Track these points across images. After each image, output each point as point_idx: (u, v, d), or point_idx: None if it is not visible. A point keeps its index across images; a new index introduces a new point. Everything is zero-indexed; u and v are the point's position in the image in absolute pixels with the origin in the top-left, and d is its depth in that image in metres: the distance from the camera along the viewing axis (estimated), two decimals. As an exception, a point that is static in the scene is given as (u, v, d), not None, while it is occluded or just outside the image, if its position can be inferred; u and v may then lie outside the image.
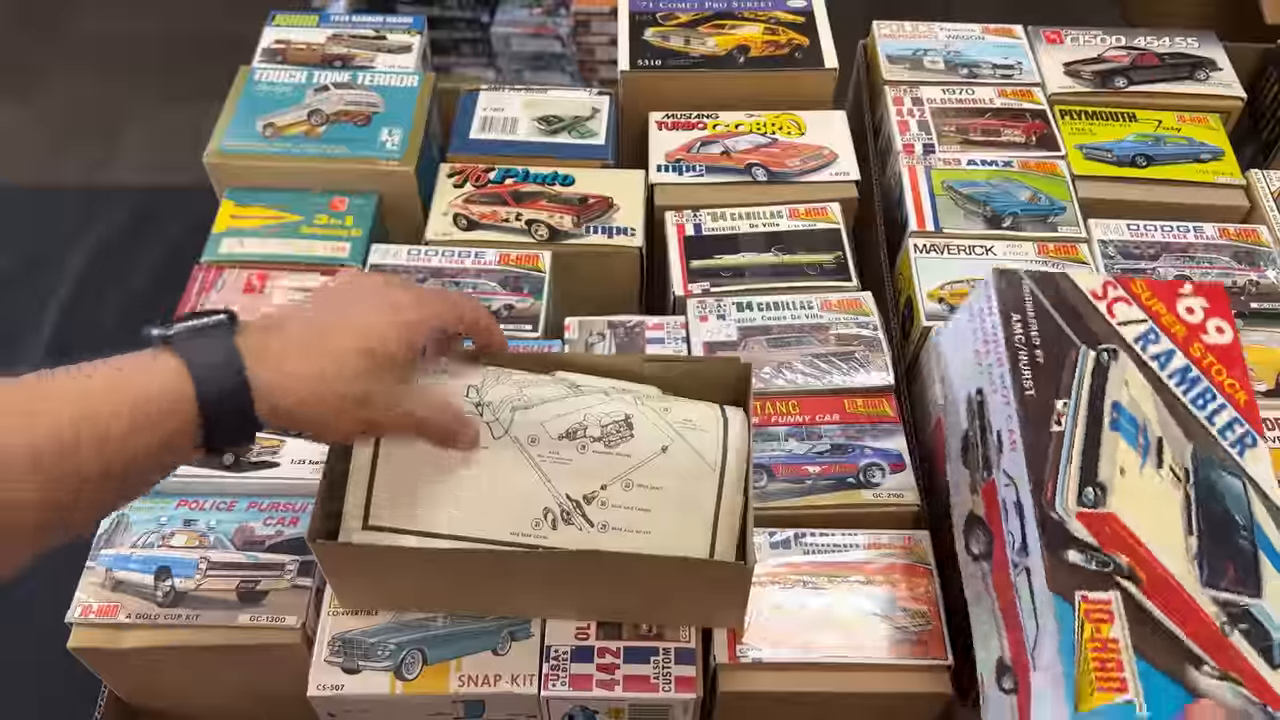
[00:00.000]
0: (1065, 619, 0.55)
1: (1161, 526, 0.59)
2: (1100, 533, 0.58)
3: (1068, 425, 0.62)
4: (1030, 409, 0.62)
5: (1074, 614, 0.56)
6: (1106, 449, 0.61)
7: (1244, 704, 0.54)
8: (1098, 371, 0.64)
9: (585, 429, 0.63)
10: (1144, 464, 0.61)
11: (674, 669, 0.66)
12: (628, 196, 0.92)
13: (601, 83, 1.96)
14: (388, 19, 1.09)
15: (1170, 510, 0.60)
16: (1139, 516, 0.59)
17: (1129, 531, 0.59)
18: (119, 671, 0.73)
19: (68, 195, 1.43)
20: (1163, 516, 0.60)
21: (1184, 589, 0.57)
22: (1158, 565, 0.58)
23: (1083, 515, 0.59)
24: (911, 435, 0.78)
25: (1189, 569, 0.58)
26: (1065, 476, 0.60)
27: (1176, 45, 1.07)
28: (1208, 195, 0.95)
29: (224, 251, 0.88)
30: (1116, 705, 0.53)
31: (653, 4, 1.07)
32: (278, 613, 0.68)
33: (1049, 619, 0.56)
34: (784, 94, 1.02)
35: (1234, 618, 0.57)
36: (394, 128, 0.94)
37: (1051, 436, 0.61)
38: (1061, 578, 0.57)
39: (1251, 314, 0.86)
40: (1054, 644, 0.55)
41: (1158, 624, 0.56)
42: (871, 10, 1.18)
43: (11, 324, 1.18)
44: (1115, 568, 0.57)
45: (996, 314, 0.67)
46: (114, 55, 2.14)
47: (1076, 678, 0.54)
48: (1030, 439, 0.61)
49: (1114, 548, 0.58)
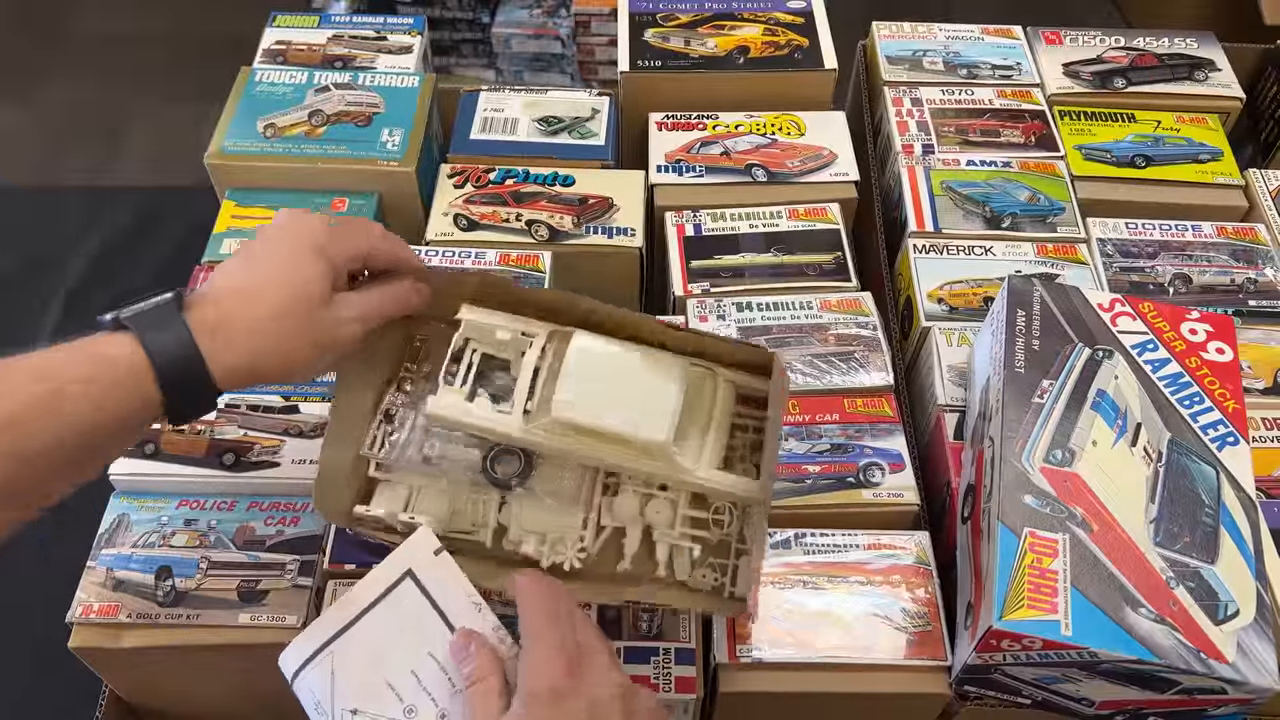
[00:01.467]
0: (1009, 547, 0.61)
1: (1123, 493, 0.63)
2: (1060, 487, 0.63)
3: (1049, 399, 0.67)
4: (1017, 383, 0.68)
5: (1018, 544, 0.61)
6: (1083, 423, 0.66)
7: (1176, 644, 0.58)
8: (1089, 364, 0.69)
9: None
10: (1117, 441, 0.65)
11: (674, 669, 0.66)
12: (628, 197, 0.93)
13: (601, 83, 1.97)
14: (388, 20, 1.09)
15: (1135, 481, 0.64)
16: (1102, 481, 0.64)
17: (1090, 491, 0.63)
18: (119, 671, 0.73)
19: (69, 196, 1.43)
20: (1127, 485, 0.64)
21: (1135, 544, 0.62)
22: (1113, 521, 0.62)
23: (1047, 470, 0.64)
24: (911, 435, 0.78)
25: (1144, 530, 0.62)
26: (1038, 437, 0.66)
27: (1175, 46, 1.07)
28: (1207, 195, 0.96)
29: (225, 252, 0.88)
30: (1043, 620, 0.58)
31: (653, 5, 1.08)
32: (278, 612, 0.69)
33: (996, 544, 0.61)
34: (784, 94, 1.02)
35: (1181, 575, 0.61)
36: (394, 128, 0.94)
37: (1031, 406, 0.67)
38: (1013, 515, 0.62)
39: (1249, 312, 0.86)
40: (997, 565, 0.60)
41: (1101, 566, 0.60)
42: (871, 10, 1.19)
43: (11, 324, 1.18)
44: (1069, 515, 0.62)
45: (1004, 309, 0.71)
46: (115, 56, 2.14)
47: (1008, 594, 0.59)
48: (1012, 407, 0.67)
49: (1071, 501, 0.63)
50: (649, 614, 0.69)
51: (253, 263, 0.58)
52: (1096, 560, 0.61)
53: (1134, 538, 0.62)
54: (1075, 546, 0.61)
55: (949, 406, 0.79)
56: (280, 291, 0.56)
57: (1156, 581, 0.60)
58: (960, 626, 0.67)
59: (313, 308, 0.57)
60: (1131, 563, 0.61)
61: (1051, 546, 0.61)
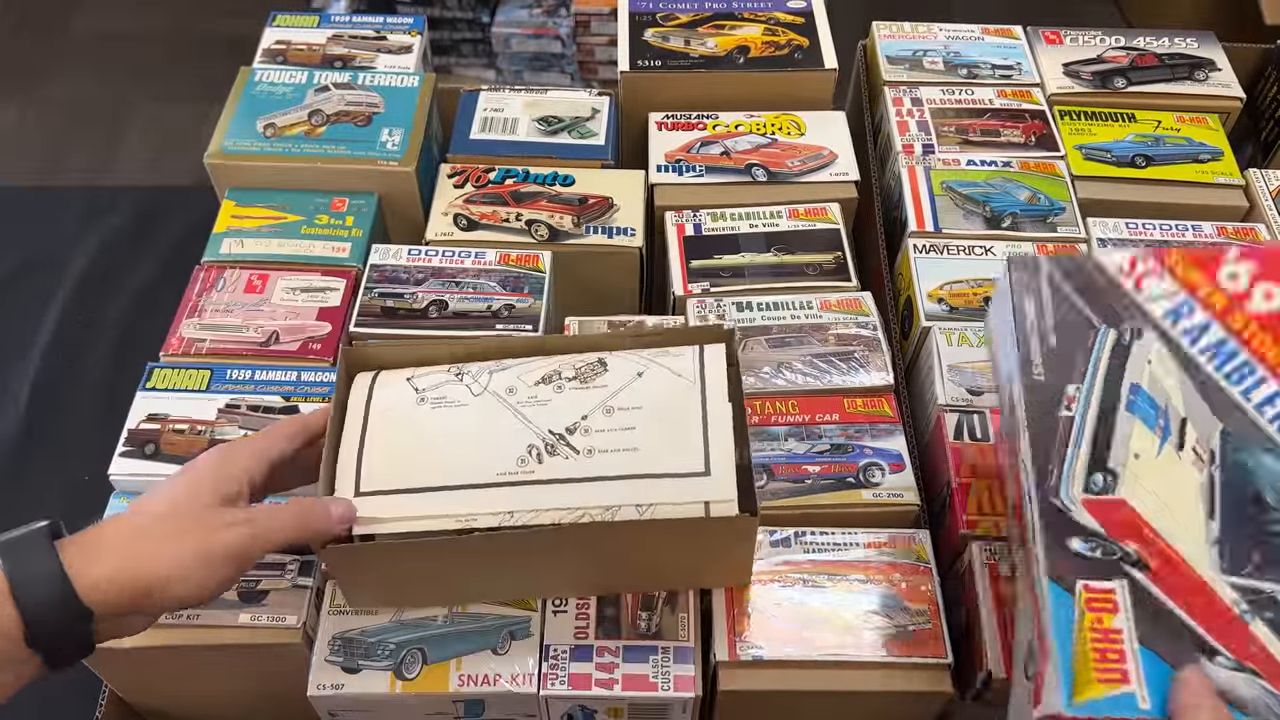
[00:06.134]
0: (1063, 608, 0.53)
1: (1178, 512, 0.55)
2: (1108, 520, 0.55)
3: (1079, 410, 0.58)
4: (1038, 394, 0.59)
5: (1074, 603, 0.53)
6: (1120, 433, 0.57)
7: (1261, 694, 0.50)
8: (1117, 351, 0.60)
9: (560, 373, 0.66)
10: (1162, 447, 0.57)
11: (673, 668, 0.66)
12: (628, 196, 0.93)
13: (601, 83, 1.97)
14: (388, 19, 1.09)
15: (1189, 494, 0.55)
16: (1153, 502, 0.55)
17: (1140, 518, 0.55)
18: (119, 671, 0.73)
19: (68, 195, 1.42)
20: (1181, 501, 0.55)
21: (1198, 574, 0.53)
22: (1170, 551, 0.54)
23: (1089, 502, 0.55)
24: (911, 435, 0.78)
25: (1206, 554, 0.54)
26: (1073, 462, 0.57)
27: (1176, 45, 1.07)
28: (1207, 195, 0.96)
29: (224, 252, 0.88)
30: (1116, 696, 0.50)
31: (653, 4, 1.08)
32: (278, 612, 0.69)
33: (1047, 608, 0.53)
34: (784, 94, 1.02)
35: (1257, 605, 0.52)
36: (394, 128, 0.94)
37: (1059, 421, 0.58)
38: (1062, 565, 0.54)
39: (1250, 314, 0.86)
40: (1052, 633, 0.53)
41: (1166, 612, 0.52)
42: (871, 10, 1.19)
43: (11, 324, 1.18)
44: (1123, 555, 0.54)
45: (1009, 306, 0.63)
46: (115, 56, 2.14)
47: (1074, 667, 0.51)
48: (1037, 427, 0.58)
49: (1122, 535, 0.54)
50: (648, 612, 0.69)
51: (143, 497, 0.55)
52: (1160, 606, 0.52)
53: (1195, 566, 0.53)
54: (1135, 592, 0.53)
55: (949, 406, 0.79)
56: (160, 499, 0.53)
57: (1229, 618, 0.52)
58: (1019, 669, 0.59)
59: (196, 507, 0.53)
60: (1198, 599, 0.53)
61: (1109, 599, 0.53)
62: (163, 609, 0.53)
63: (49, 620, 0.48)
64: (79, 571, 0.49)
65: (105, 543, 0.51)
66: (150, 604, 0.52)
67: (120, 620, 0.53)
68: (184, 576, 0.51)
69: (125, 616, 0.52)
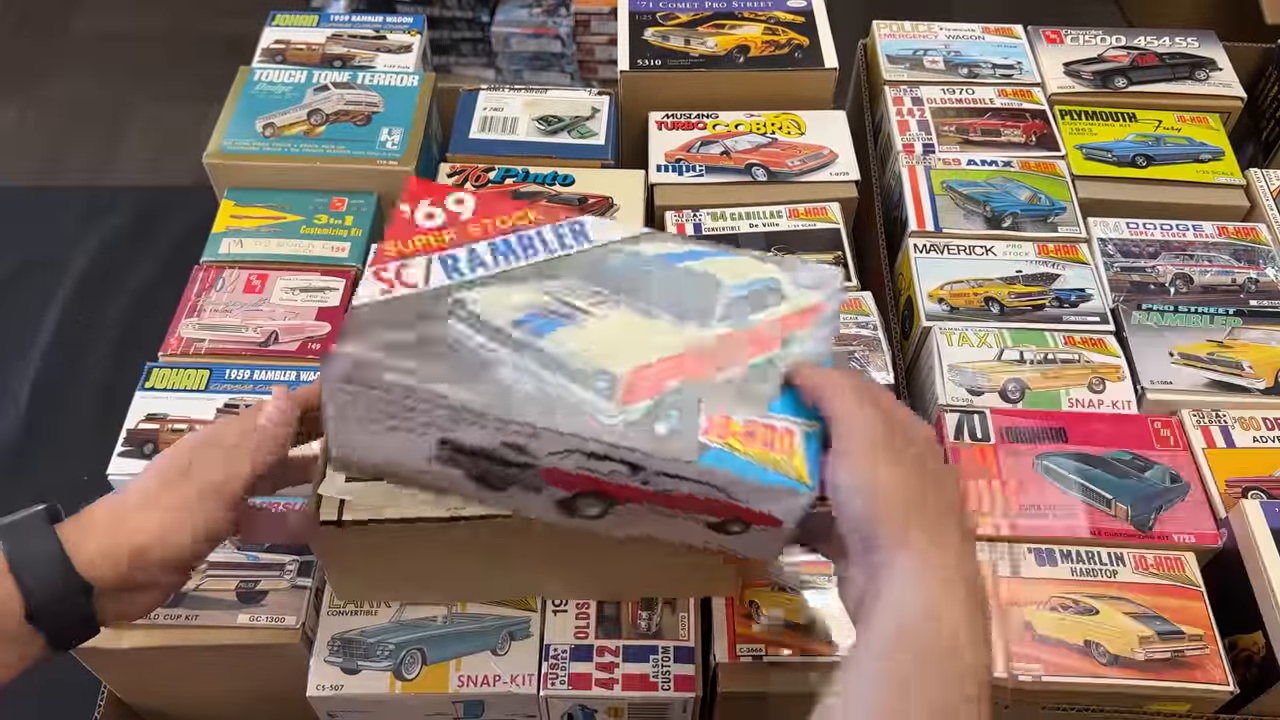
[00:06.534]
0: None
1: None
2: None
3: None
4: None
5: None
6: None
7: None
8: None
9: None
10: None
11: (673, 668, 0.66)
12: (628, 196, 0.92)
13: (601, 83, 1.96)
14: (387, 19, 1.09)
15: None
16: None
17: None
18: (119, 671, 0.73)
19: (68, 195, 1.42)
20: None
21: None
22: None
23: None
24: (911, 435, 0.78)
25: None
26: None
27: (1176, 45, 1.07)
28: (1208, 195, 0.95)
29: (224, 251, 0.88)
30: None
31: (653, 4, 1.07)
32: (277, 613, 0.68)
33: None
34: (784, 94, 1.02)
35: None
36: (394, 127, 0.94)
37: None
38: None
39: (1251, 312, 0.86)
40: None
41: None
42: (871, 9, 1.18)
43: (11, 324, 1.18)
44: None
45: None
46: (114, 55, 2.14)
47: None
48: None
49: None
50: (648, 612, 0.68)
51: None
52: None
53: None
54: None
55: (950, 406, 0.79)
56: (144, 473, 0.54)
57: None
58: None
59: (172, 474, 0.53)
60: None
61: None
62: (163, 575, 0.53)
63: (49, 595, 0.49)
64: (75, 546, 0.50)
65: (96, 518, 0.52)
66: (145, 571, 0.52)
67: (123, 597, 0.53)
68: (169, 535, 0.52)
69: (128, 592, 0.53)
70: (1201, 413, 0.79)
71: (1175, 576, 0.70)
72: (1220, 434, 0.77)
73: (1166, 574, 0.70)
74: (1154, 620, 0.68)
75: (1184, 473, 0.75)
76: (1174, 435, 0.77)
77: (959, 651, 0.44)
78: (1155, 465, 0.75)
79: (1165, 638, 0.67)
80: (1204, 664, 0.66)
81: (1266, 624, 0.67)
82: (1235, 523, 0.71)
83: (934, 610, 0.44)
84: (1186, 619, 0.68)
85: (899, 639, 0.44)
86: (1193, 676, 0.66)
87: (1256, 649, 0.68)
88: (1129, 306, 0.85)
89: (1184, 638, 0.67)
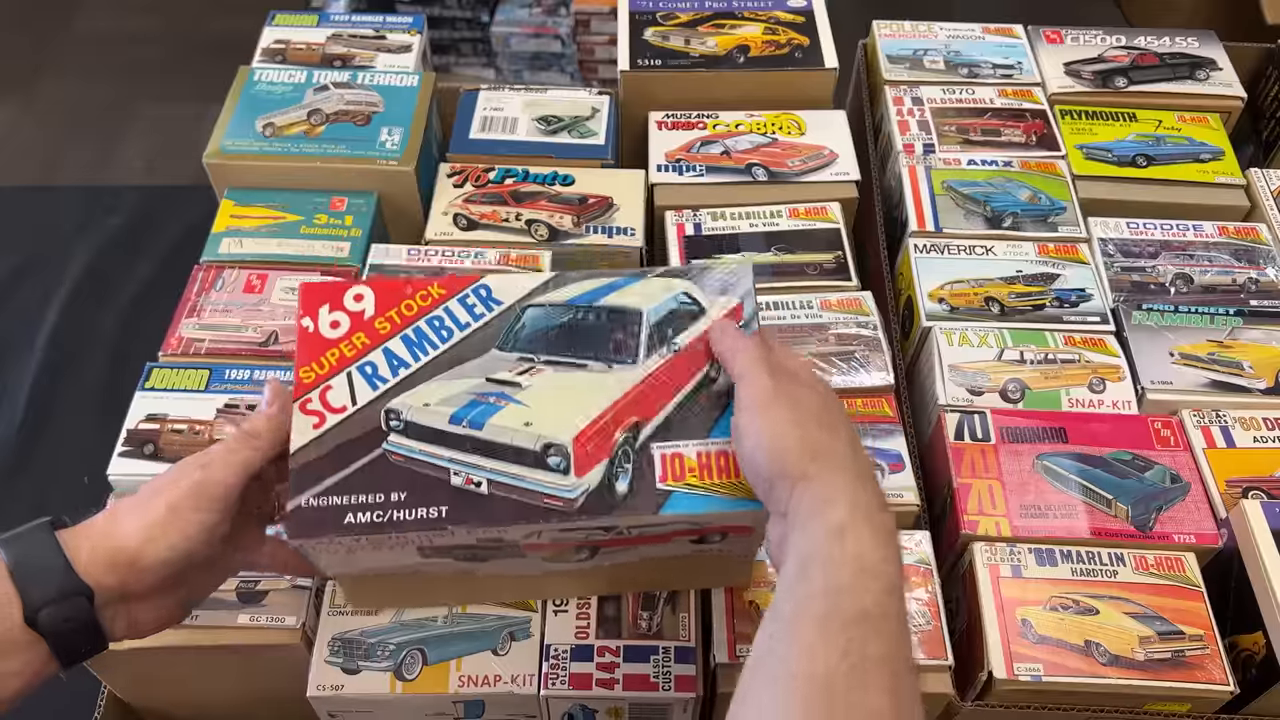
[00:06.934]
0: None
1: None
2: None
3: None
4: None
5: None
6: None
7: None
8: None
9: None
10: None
11: (674, 668, 0.66)
12: (628, 196, 0.92)
13: (601, 83, 1.96)
14: (387, 18, 1.09)
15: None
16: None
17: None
18: (119, 671, 0.73)
19: (67, 195, 1.42)
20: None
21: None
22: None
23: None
24: (911, 435, 0.78)
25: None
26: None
27: (1176, 45, 1.07)
28: (1208, 195, 0.95)
29: (223, 251, 0.88)
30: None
31: (653, 4, 1.07)
32: (277, 613, 0.68)
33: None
34: (784, 94, 1.02)
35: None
36: (394, 127, 0.94)
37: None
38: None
39: (1251, 311, 0.86)
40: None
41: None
42: (872, 9, 1.18)
43: (11, 324, 1.18)
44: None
45: None
46: (114, 55, 2.14)
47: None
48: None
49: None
50: (648, 613, 0.68)
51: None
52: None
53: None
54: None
55: (950, 406, 0.79)
56: (147, 483, 0.55)
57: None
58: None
59: (163, 483, 0.54)
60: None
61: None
62: (162, 582, 0.53)
63: (46, 597, 0.49)
64: (73, 550, 0.51)
65: (95, 525, 0.53)
66: (140, 575, 0.52)
67: (132, 608, 0.53)
68: (157, 537, 0.52)
69: (134, 603, 0.53)
70: (1202, 413, 0.79)
71: (1175, 576, 0.70)
72: (1220, 434, 0.77)
73: (1166, 574, 0.70)
74: (1154, 620, 0.68)
75: (1184, 473, 0.75)
76: (1174, 435, 0.77)
77: (864, 559, 0.45)
78: (1155, 465, 0.75)
79: (1165, 638, 0.67)
80: (1204, 664, 0.66)
81: (1266, 624, 0.67)
82: (1235, 523, 0.71)
83: (839, 530, 0.46)
84: (1186, 619, 0.68)
85: (811, 563, 0.45)
86: (1193, 676, 0.66)
87: (1256, 649, 0.68)
88: (1129, 306, 0.85)
89: (1184, 638, 0.67)
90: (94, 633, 0.51)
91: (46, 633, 0.50)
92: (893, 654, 0.42)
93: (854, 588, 0.44)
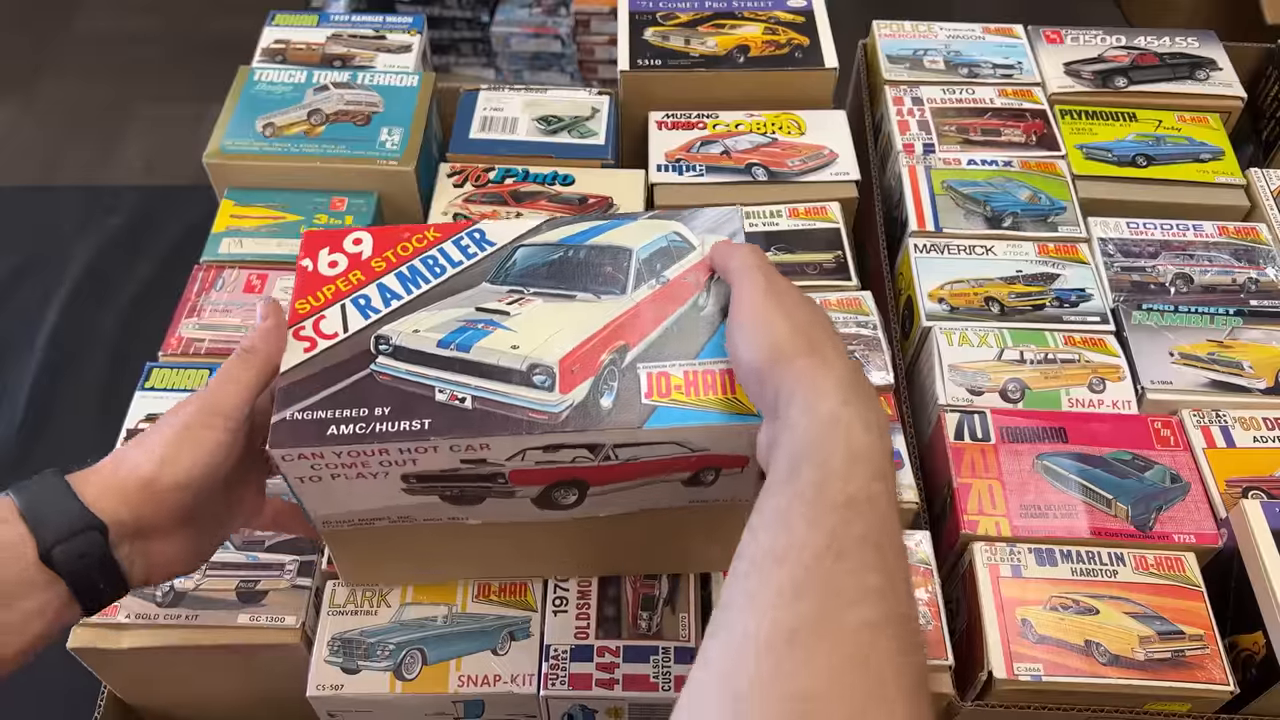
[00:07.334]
0: None
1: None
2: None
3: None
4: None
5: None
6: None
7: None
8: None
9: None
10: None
11: (674, 668, 0.66)
12: (628, 196, 0.92)
13: (601, 83, 1.96)
14: (387, 19, 1.09)
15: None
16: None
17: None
18: (119, 671, 0.73)
19: (67, 195, 1.43)
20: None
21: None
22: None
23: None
24: (911, 435, 0.78)
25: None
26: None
27: (1176, 45, 1.07)
28: (1208, 195, 0.95)
29: (223, 251, 0.88)
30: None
31: (653, 4, 1.07)
32: (277, 613, 0.68)
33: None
34: (784, 94, 1.02)
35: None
36: (394, 127, 0.94)
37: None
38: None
39: (1251, 311, 0.86)
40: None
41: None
42: (872, 9, 1.18)
43: (11, 324, 1.18)
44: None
45: None
46: (114, 55, 2.14)
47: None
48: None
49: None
50: (648, 612, 0.68)
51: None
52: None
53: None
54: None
55: (950, 406, 0.79)
56: (150, 428, 0.54)
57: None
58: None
59: (175, 411, 0.54)
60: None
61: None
62: (174, 513, 0.53)
63: (59, 532, 0.49)
64: (82, 484, 0.51)
65: (102, 465, 0.53)
66: (156, 501, 0.52)
67: (150, 547, 0.53)
68: (172, 457, 0.52)
69: (152, 541, 0.52)
70: (1201, 413, 0.79)
71: (1175, 576, 0.70)
72: (1220, 434, 0.77)
73: (1166, 574, 0.70)
74: (1154, 620, 0.68)
75: (1184, 473, 0.75)
76: (1174, 435, 0.77)
77: (853, 445, 0.45)
78: (1155, 465, 0.75)
79: (1165, 638, 0.67)
80: (1204, 664, 0.66)
81: (1266, 624, 0.67)
82: (1235, 523, 0.71)
83: (832, 419, 0.46)
84: (1186, 619, 0.68)
85: (801, 461, 0.45)
86: (1193, 676, 0.66)
87: (1256, 649, 0.68)
88: (1129, 306, 0.85)
89: (1184, 638, 0.67)
90: (111, 571, 0.51)
91: (63, 571, 0.49)
92: (878, 534, 0.42)
93: (843, 474, 0.44)
